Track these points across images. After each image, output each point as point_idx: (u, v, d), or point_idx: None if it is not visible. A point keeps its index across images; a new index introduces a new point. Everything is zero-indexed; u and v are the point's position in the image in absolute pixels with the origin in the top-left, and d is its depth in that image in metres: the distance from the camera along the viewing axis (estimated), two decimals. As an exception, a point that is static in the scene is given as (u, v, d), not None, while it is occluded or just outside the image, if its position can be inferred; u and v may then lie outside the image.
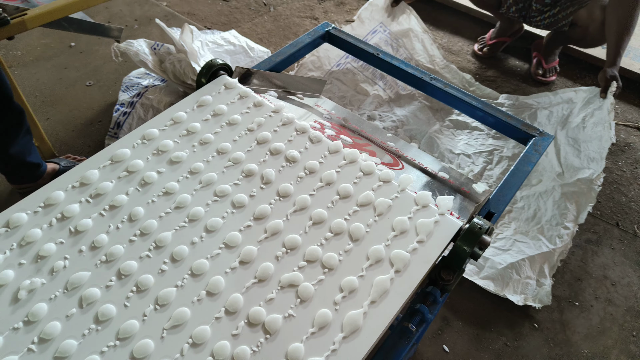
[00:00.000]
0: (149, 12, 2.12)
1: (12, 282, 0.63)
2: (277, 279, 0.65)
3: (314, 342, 0.59)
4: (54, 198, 0.71)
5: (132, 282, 0.63)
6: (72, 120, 1.64)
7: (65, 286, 0.62)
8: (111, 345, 0.58)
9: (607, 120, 1.32)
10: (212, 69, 0.95)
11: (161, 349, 0.57)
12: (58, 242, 0.67)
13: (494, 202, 0.87)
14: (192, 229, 0.70)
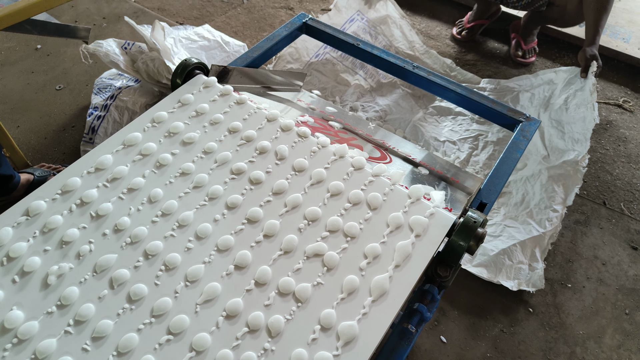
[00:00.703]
0: (117, 9, 2.04)
1: (39, 268, 0.64)
2: (302, 249, 0.67)
3: (345, 307, 0.62)
4: (71, 184, 0.73)
5: (160, 261, 0.65)
6: (44, 126, 1.57)
7: (93, 269, 0.64)
8: (147, 323, 0.60)
9: (589, 101, 1.31)
10: (187, 69, 0.91)
11: (197, 323, 0.59)
12: (80, 227, 0.68)
13: (485, 192, 0.85)
14: (212, 207, 0.72)
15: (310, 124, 0.99)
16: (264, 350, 0.58)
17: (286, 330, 0.59)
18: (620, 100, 1.76)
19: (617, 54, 1.90)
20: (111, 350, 0.57)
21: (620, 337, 1.16)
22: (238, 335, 0.59)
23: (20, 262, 0.64)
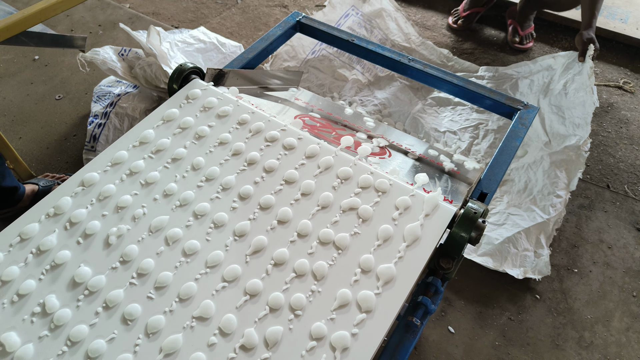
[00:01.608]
0: (112, 16, 2.04)
1: (100, 231, 0.72)
2: (337, 204, 0.74)
3: (382, 252, 0.69)
4: (119, 157, 0.81)
5: (209, 220, 0.73)
6: (45, 137, 1.58)
7: (149, 229, 0.72)
8: (203, 273, 0.67)
9: (588, 84, 1.30)
10: (183, 74, 0.92)
11: (248, 271, 0.67)
12: (132, 194, 0.76)
13: (485, 182, 0.85)
14: (252, 171, 0.80)
15: (307, 123, 0.99)
16: (311, 291, 0.65)
17: (330, 274, 0.67)
18: (621, 82, 1.75)
19: (615, 35, 1.89)
20: (174, 297, 0.65)
21: (629, 319, 1.16)
22: (287, 280, 0.66)
23: (82, 226, 0.72)
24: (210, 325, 0.62)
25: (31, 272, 0.67)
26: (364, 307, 0.63)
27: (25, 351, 0.59)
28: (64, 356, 0.60)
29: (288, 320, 0.63)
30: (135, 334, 0.61)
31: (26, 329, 0.62)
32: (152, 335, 0.61)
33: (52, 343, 0.61)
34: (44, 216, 0.73)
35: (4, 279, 0.66)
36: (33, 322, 0.62)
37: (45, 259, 0.69)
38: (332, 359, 0.59)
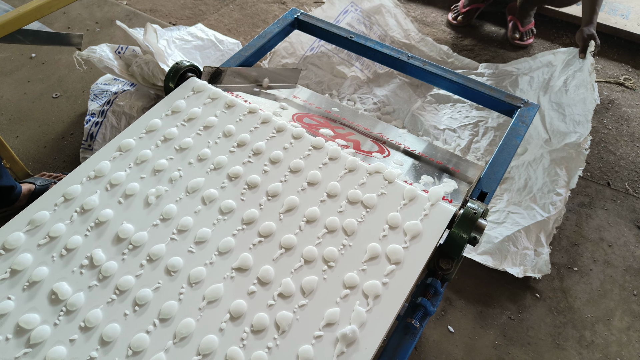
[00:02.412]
0: (109, 13, 2.03)
1: (139, 191, 0.76)
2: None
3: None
4: (154, 125, 0.86)
5: (243, 182, 0.78)
6: (42, 135, 1.57)
7: (186, 190, 0.76)
8: (240, 229, 0.71)
9: (589, 81, 1.29)
10: (180, 72, 0.91)
11: (282, 228, 0.71)
12: (168, 158, 0.81)
13: (485, 181, 0.84)
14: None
15: (306, 122, 0.98)
16: (343, 245, 0.70)
17: (359, 230, 0.71)
18: (622, 78, 1.74)
19: (616, 30, 1.87)
20: (213, 251, 0.69)
21: (629, 318, 1.15)
22: (319, 235, 0.71)
23: (122, 188, 0.77)
24: (249, 275, 0.67)
25: (77, 229, 0.72)
26: (393, 259, 0.67)
27: (76, 299, 0.64)
28: (113, 304, 0.64)
29: (322, 271, 0.67)
30: (179, 284, 0.66)
31: (76, 280, 0.66)
32: (194, 285, 0.65)
33: (102, 292, 0.65)
34: (85, 178, 0.78)
35: (51, 234, 0.70)
36: (82, 274, 0.67)
37: (90, 217, 0.73)
38: (365, 305, 0.63)
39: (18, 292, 0.65)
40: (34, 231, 0.71)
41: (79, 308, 0.63)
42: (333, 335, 0.60)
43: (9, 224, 0.71)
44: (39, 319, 0.62)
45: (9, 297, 0.64)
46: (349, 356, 0.59)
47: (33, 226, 0.71)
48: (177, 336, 0.61)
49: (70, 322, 0.62)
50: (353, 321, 0.61)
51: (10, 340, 0.60)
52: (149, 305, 0.63)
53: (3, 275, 0.66)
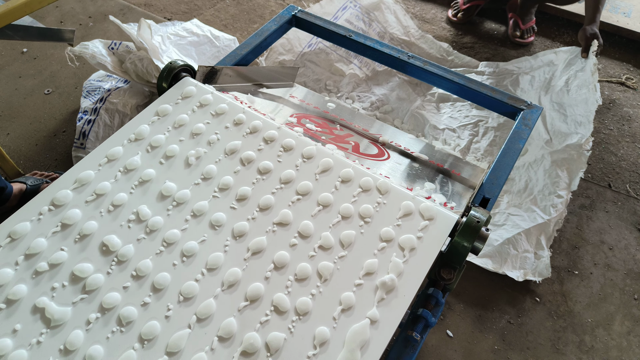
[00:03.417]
0: (103, 7, 1.99)
1: (179, 153, 0.80)
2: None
3: None
4: (189, 92, 0.89)
5: (278, 144, 0.81)
6: (34, 133, 1.54)
7: (224, 152, 0.80)
8: (278, 188, 0.75)
9: (591, 81, 1.27)
10: (173, 72, 0.88)
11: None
12: (205, 122, 0.85)
13: (487, 186, 0.82)
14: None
15: (304, 123, 0.96)
16: (377, 203, 0.73)
17: (391, 189, 0.75)
18: (623, 78, 1.72)
19: (618, 29, 1.85)
20: (254, 207, 0.73)
21: (630, 323, 1.14)
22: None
23: (162, 150, 0.80)
24: (290, 229, 0.71)
25: (122, 187, 0.75)
26: (427, 215, 0.71)
27: (127, 250, 0.67)
28: (161, 255, 0.67)
29: (359, 226, 0.70)
30: (223, 237, 0.69)
31: (125, 233, 0.69)
32: (239, 238, 0.69)
33: (150, 244, 0.68)
34: (127, 141, 0.81)
35: (98, 192, 0.73)
36: (130, 228, 0.70)
37: (133, 176, 0.76)
38: (401, 256, 0.67)
39: (70, 244, 0.68)
40: (80, 189, 0.75)
41: (129, 258, 0.67)
42: (372, 283, 0.64)
43: (56, 183, 0.75)
44: (92, 268, 0.66)
45: (62, 248, 0.68)
46: (389, 302, 0.63)
47: (80, 184, 0.75)
48: (225, 284, 0.64)
49: (122, 271, 0.66)
50: (391, 271, 0.65)
51: (66, 287, 0.64)
52: (196, 257, 0.67)
53: (54, 229, 0.69)
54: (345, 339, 0.59)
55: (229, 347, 0.59)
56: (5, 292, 0.62)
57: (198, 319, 0.62)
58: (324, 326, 0.61)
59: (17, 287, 0.63)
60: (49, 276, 0.65)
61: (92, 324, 0.61)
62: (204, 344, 0.59)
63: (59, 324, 0.60)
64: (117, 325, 0.61)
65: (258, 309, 0.63)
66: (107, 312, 0.62)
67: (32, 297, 0.62)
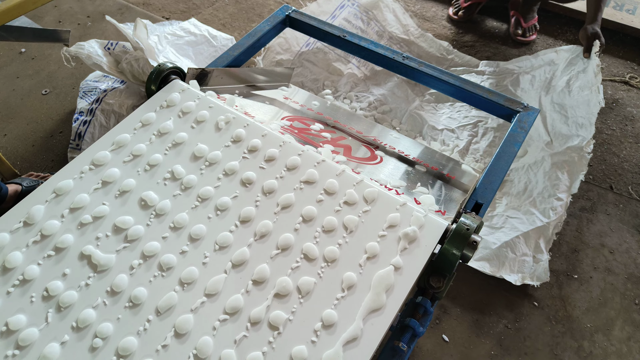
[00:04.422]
0: (101, 6, 1.98)
1: (209, 118, 0.83)
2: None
3: None
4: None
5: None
6: (31, 134, 1.53)
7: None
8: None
9: (594, 83, 1.25)
10: (162, 75, 0.87)
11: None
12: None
13: (481, 192, 0.80)
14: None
15: (295, 126, 0.94)
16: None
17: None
18: (627, 77, 1.69)
19: (622, 27, 1.82)
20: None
21: (630, 328, 1.12)
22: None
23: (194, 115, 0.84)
24: (316, 187, 0.74)
25: (157, 149, 0.79)
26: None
27: (164, 205, 0.72)
28: (197, 209, 0.72)
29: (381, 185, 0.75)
30: (254, 193, 0.73)
31: (161, 190, 0.74)
32: (269, 195, 0.73)
33: (186, 199, 0.73)
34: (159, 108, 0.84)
35: (134, 153, 0.78)
36: (166, 185, 0.75)
37: (167, 139, 0.80)
38: (422, 212, 0.70)
39: (111, 199, 0.73)
40: (118, 150, 0.79)
41: (167, 212, 0.71)
42: (395, 235, 0.68)
43: (94, 146, 0.79)
44: (132, 220, 0.70)
45: (104, 203, 0.72)
46: (411, 251, 0.66)
47: (117, 146, 0.79)
48: (258, 234, 0.69)
49: (160, 223, 0.70)
50: (413, 224, 0.69)
51: (110, 237, 0.69)
52: (230, 211, 0.72)
53: (96, 186, 0.74)
54: (372, 283, 0.63)
55: (262, 289, 0.64)
56: (53, 241, 0.68)
57: (233, 265, 0.66)
58: (351, 272, 0.65)
59: (64, 236, 0.68)
60: (93, 227, 0.70)
61: (135, 269, 0.66)
62: (239, 287, 0.64)
63: (105, 269, 0.66)
64: (159, 271, 0.66)
65: (289, 256, 0.67)
66: (149, 259, 0.67)
67: (78, 245, 0.68)
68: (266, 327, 0.61)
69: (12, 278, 0.64)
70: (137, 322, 0.61)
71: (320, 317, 0.61)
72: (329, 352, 0.58)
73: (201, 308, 0.62)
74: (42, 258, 0.66)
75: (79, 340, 0.60)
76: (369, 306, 0.61)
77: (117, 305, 0.62)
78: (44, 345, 0.58)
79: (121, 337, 0.60)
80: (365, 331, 0.60)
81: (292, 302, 0.63)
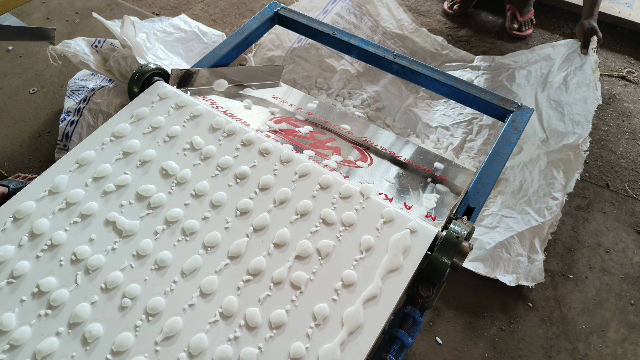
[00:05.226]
0: (90, 2, 1.94)
1: None
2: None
3: None
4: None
5: None
6: (18, 133, 1.51)
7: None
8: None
9: (592, 80, 1.22)
10: (144, 76, 0.84)
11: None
12: None
13: (472, 195, 0.78)
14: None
15: (284, 128, 0.92)
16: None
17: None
18: (624, 71, 1.66)
19: (619, 20, 1.79)
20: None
21: (625, 330, 1.11)
22: None
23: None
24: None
25: (175, 120, 0.81)
26: None
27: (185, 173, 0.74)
28: (217, 177, 0.74)
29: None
30: (272, 163, 0.75)
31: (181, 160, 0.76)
32: (286, 164, 0.74)
33: (206, 169, 0.75)
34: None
35: (153, 125, 0.79)
36: (185, 155, 0.77)
37: (185, 111, 0.82)
38: None
39: (133, 169, 0.76)
40: (137, 122, 0.82)
41: (188, 180, 0.74)
42: None
43: (114, 119, 0.81)
44: (155, 188, 0.73)
45: (126, 172, 0.75)
46: None
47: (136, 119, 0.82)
48: (277, 201, 0.71)
49: (182, 191, 0.73)
50: None
51: (133, 204, 0.71)
52: (249, 179, 0.74)
53: (117, 156, 0.77)
54: (389, 245, 0.65)
55: (284, 252, 0.66)
56: (79, 209, 0.70)
57: (255, 229, 0.68)
58: (369, 235, 0.67)
59: (89, 204, 0.70)
60: (117, 195, 0.72)
61: (159, 234, 0.68)
62: (261, 249, 0.67)
63: (130, 234, 0.68)
64: (182, 235, 0.68)
65: (308, 221, 0.69)
66: (172, 225, 0.69)
67: (103, 212, 0.70)
68: (288, 286, 0.63)
69: (40, 243, 0.66)
70: (164, 283, 0.64)
71: (340, 277, 0.63)
72: (350, 309, 0.60)
73: (225, 270, 0.65)
74: (68, 224, 0.69)
75: (109, 300, 0.62)
76: (387, 267, 0.64)
77: (143, 268, 0.65)
78: (75, 305, 0.61)
79: (149, 297, 0.62)
80: (384, 290, 0.62)
81: (313, 264, 0.65)
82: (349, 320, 0.59)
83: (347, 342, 0.58)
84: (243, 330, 0.60)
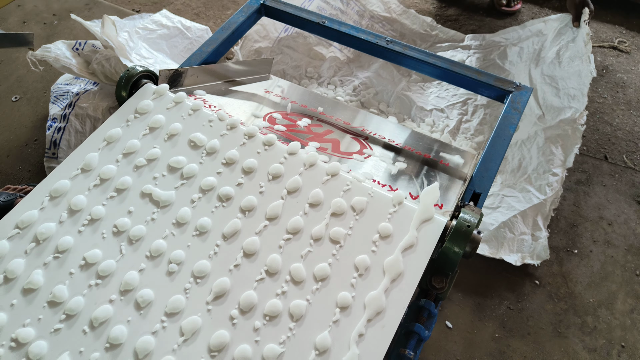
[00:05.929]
0: (68, 3, 1.88)
1: None
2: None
3: None
4: None
5: None
6: (5, 143, 1.47)
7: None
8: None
9: (584, 52, 1.20)
10: (132, 80, 0.81)
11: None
12: None
13: (477, 180, 0.77)
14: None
15: (279, 122, 0.90)
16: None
17: None
18: (616, 42, 1.65)
19: (607, -11, 1.77)
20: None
21: (633, 300, 1.11)
22: None
23: None
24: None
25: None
26: None
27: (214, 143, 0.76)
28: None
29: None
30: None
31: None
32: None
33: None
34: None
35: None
36: None
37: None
38: None
39: (161, 142, 0.76)
40: (159, 99, 0.82)
41: (217, 150, 0.75)
42: None
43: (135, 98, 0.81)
44: (186, 160, 0.74)
45: (154, 146, 0.76)
46: None
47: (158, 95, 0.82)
48: (306, 164, 0.73)
49: (213, 160, 0.74)
50: None
51: (166, 176, 0.73)
52: (276, 146, 0.75)
53: (144, 132, 0.77)
54: (420, 198, 0.68)
55: (319, 210, 0.69)
56: (113, 184, 0.71)
57: (288, 192, 0.71)
58: None
59: (123, 178, 0.71)
60: (149, 169, 0.73)
61: (196, 202, 0.70)
62: (297, 210, 0.69)
63: (167, 205, 0.69)
64: (219, 202, 0.70)
65: (338, 180, 0.71)
66: (207, 193, 0.71)
67: (137, 185, 0.71)
68: (328, 241, 0.65)
69: (80, 219, 0.68)
70: (207, 248, 0.66)
71: (377, 230, 0.66)
72: (390, 259, 0.63)
73: (265, 231, 0.67)
74: (105, 199, 0.70)
75: (155, 267, 0.64)
76: (420, 217, 0.66)
77: (185, 235, 0.67)
78: (124, 274, 0.63)
79: (194, 261, 0.64)
80: (419, 239, 0.64)
81: (349, 220, 0.67)
82: (390, 268, 0.62)
83: (390, 289, 0.61)
84: (290, 285, 0.62)
